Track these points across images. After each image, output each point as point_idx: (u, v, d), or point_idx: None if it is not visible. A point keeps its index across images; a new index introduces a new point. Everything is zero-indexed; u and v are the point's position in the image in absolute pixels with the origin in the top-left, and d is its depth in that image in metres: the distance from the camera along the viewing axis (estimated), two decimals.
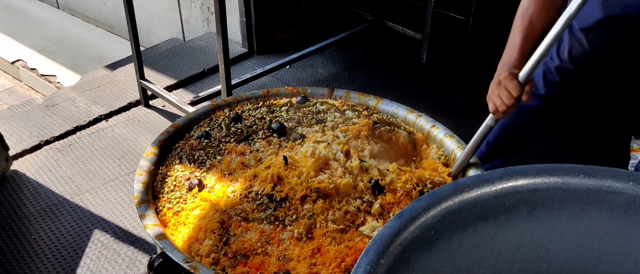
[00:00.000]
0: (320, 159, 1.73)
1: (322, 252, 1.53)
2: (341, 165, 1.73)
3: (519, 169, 1.25)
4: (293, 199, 1.62)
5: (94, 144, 3.28)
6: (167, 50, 4.36)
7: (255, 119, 2.11)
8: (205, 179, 1.80)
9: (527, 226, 1.27)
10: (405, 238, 1.13)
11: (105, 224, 2.69)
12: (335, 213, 1.59)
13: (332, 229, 1.56)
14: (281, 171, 1.69)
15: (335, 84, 3.85)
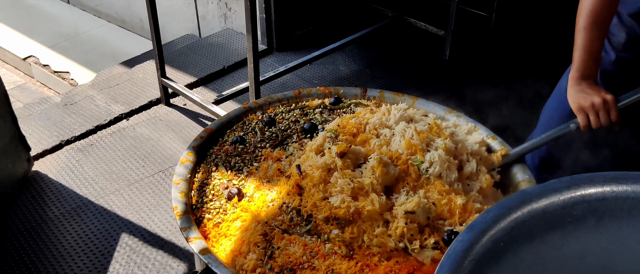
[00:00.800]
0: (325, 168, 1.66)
1: (371, 267, 1.47)
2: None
3: (585, 177, 1.21)
4: (316, 218, 1.56)
5: (115, 144, 3.24)
6: (184, 47, 4.30)
7: (289, 122, 2.05)
8: (244, 188, 1.75)
9: (593, 236, 1.23)
10: (477, 252, 1.11)
11: (132, 227, 2.65)
12: (373, 239, 1.52)
13: (375, 250, 1.50)
14: (300, 181, 1.64)
15: (357, 82, 3.78)
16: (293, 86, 3.80)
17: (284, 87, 3.79)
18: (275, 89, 3.75)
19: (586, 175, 1.22)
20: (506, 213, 1.17)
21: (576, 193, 1.20)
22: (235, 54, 4.11)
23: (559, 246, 1.23)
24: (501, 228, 1.15)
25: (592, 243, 1.24)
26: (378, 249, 1.50)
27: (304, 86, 3.79)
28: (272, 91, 3.68)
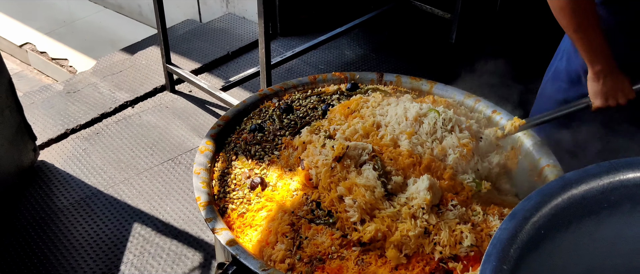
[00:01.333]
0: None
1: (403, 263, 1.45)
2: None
3: (624, 162, 1.21)
4: (339, 215, 1.53)
5: (122, 132, 3.19)
6: (185, 32, 4.24)
7: (307, 109, 2.01)
8: (267, 177, 1.72)
9: (627, 221, 1.22)
10: (521, 239, 1.11)
11: (144, 217, 2.62)
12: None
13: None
14: (309, 176, 1.62)
15: (364, 67, 3.74)
16: (299, 71, 3.76)
17: (290, 73, 3.74)
18: (281, 75, 3.70)
19: (625, 160, 1.21)
20: (547, 200, 1.16)
21: (615, 178, 1.20)
22: (239, 39, 4.05)
23: (593, 232, 1.22)
24: (543, 214, 1.15)
25: (625, 229, 1.23)
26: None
27: (310, 71, 3.75)
28: (278, 77, 3.64)
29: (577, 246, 1.23)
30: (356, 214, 1.48)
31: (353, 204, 1.49)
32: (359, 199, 1.49)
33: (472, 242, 1.46)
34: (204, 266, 2.38)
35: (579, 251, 1.24)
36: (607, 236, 1.24)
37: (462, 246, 1.46)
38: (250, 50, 3.98)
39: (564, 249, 1.21)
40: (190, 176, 2.86)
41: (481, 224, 1.53)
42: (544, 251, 1.16)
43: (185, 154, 3.02)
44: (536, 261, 1.15)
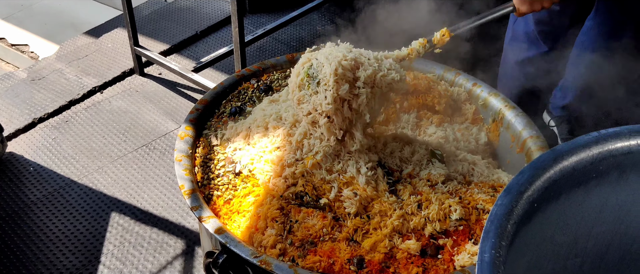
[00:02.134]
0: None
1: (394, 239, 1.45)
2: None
3: (612, 132, 1.23)
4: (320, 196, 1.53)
5: (92, 119, 3.10)
6: (151, 13, 4.11)
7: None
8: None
9: (614, 190, 1.25)
10: (517, 214, 1.12)
11: (122, 206, 2.56)
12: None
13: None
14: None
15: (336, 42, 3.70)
16: (271, 49, 3.70)
17: (262, 51, 3.68)
18: (253, 53, 3.64)
19: (613, 130, 1.23)
20: (540, 173, 1.17)
21: (604, 148, 1.21)
22: (207, 18, 3.96)
23: (581, 202, 1.24)
24: (536, 188, 1.16)
25: (610, 197, 1.25)
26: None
27: (283, 49, 3.69)
28: (249, 56, 3.57)
29: (566, 216, 1.25)
30: (354, 207, 1.47)
31: (353, 197, 1.48)
32: (361, 193, 1.48)
33: (461, 215, 1.47)
34: (187, 252, 2.34)
35: (567, 221, 1.26)
36: (594, 205, 1.26)
37: (451, 220, 1.47)
38: (219, 29, 3.89)
39: (553, 220, 1.22)
40: (166, 162, 2.81)
41: (467, 197, 1.54)
42: (536, 224, 1.17)
43: (160, 139, 2.96)
44: (528, 234, 1.16)
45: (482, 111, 1.94)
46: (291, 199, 1.51)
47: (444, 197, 1.51)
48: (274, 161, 1.58)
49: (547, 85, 2.85)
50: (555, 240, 1.28)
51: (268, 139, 1.65)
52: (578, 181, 1.20)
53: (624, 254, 1.35)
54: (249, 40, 3.32)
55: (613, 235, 1.32)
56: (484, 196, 1.53)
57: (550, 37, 2.66)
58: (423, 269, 1.39)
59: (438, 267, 1.40)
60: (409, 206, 1.50)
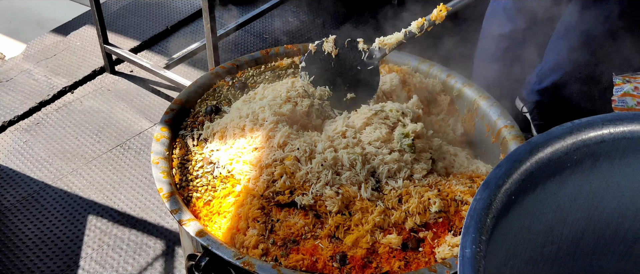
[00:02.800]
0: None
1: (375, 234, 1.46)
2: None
3: (585, 121, 1.25)
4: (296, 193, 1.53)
5: (64, 120, 3.04)
6: (119, 8, 4.05)
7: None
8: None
9: (587, 178, 1.28)
10: (495, 208, 1.14)
11: (98, 208, 2.52)
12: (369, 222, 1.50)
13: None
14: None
15: (309, 34, 3.69)
16: (244, 42, 3.67)
17: (235, 45, 3.65)
18: (226, 47, 3.61)
19: (586, 119, 1.25)
20: (517, 166, 1.19)
21: (578, 138, 1.23)
22: (177, 11, 3.91)
23: (556, 191, 1.27)
24: (513, 180, 1.17)
25: (584, 185, 1.28)
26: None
27: (255, 42, 3.67)
28: (222, 50, 3.54)
29: (542, 206, 1.27)
30: (335, 206, 1.48)
31: (335, 196, 1.49)
32: (343, 192, 1.49)
33: (440, 208, 1.49)
34: (167, 253, 2.33)
35: (543, 210, 1.28)
36: (569, 194, 1.29)
37: (430, 213, 1.49)
38: (191, 23, 3.85)
39: (529, 210, 1.25)
40: (142, 161, 2.78)
41: (446, 189, 1.55)
42: (513, 215, 1.19)
43: (134, 138, 2.92)
44: (506, 225, 1.18)
45: (457, 101, 1.96)
46: (272, 199, 1.51)
47: (423, 191, 1.52)
48: (253, 162, 1.57)
49: (522, 63, 2.90)
50: (532, 229, 1.30)
51: (245, 140, 1.64)
52: (553, 171, 1.23)
53: (598, 239, 1.38)
54: (221, 34, 3.30)
55: (587, 221, 1.35)
56: (462, 187, 1.55)
57: (527, 14, 2.69)
58: (405, 263, 1.41)
59: (419, 260, 1.42)
60: (390, 201, 1.51)
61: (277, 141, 1.59)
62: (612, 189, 1.31)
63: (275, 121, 1.65)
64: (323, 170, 1.52)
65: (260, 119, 1.67)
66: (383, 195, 1.53)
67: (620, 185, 1.30)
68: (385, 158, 1.58)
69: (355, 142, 1.62)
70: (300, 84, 1.84)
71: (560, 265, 1.42)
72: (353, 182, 1.53)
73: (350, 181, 1.53)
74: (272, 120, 1.64)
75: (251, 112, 1.70)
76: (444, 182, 1.59)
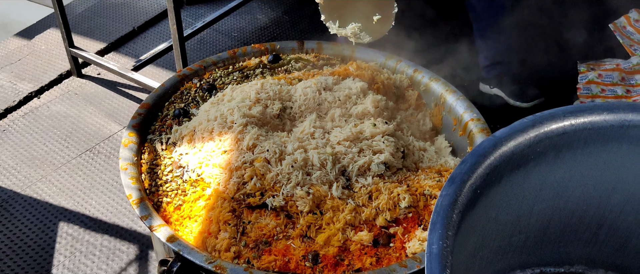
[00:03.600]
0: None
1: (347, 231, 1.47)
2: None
3: (547, 114, 1.27)
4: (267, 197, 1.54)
5: (31, 126, 2.99)
6: (84, 10, 3.98)
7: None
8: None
9: (551, 169, 1.31)
10: (461, 203, 1.15)
11: (69, 215, 2.49)
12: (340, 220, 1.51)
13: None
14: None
15: (278, 31, 3.68)
16: (212, 41, 3.64)
17: (202, 44, 3.62)
18: (194, 47, 3.57)
19: (547, 112, 1.27)
20: (481, 160, 1.20)
21: (540, 131, 1.26)
22: (143, 12, 3.86)
23: (521, 183, 1.29)
24: (478, 175, 1.19)
25: (548, 175, 1.31)
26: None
27: (224, 41, 3.65)
28: (190, 49, 3.51)
29: (508, 197, 1.30)
30: (307, 206, 1.48)
31: (306, 196, 1.49)
32: (314, 191, 1.49)
33: (409, 203, 1.51)
34: (141, 258, 2.31)
35: (509, 201, 1.31)
36: (534, 184, 1.31)
37: (400, 208, 1.50)
38: (157, 23, 3.80)
39: (496, 203, 1.27)
40: (113, 166, 2.74)
41: (415, 185, 1.57)
42: (480, 208, 1.21)
43: (103, 142, 2.89)
44: (473, 218, 1.20)
45: (424, 96, 1.98)
46: (242, 201, 1.51)
47: (392, 187, 1.54)
48: (222, 165, 1.57)
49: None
50: (499, 220, 1.33)
51: (214, 143, 1.64)
52: (517, 164, 1.25)
53: (564, 227, 1.41)
54: (188, 34, 3.27)
55: (553, 210, 1.38)
56: (430, 182, 1.57)
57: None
58: (376, 259, 1.42)
59: (390, 255, 1.43)
60: (360, 198, 1.52)
61: (246, 144, 1.59)
62: (575, 179, 1.34)
63: (244, 123, 1.64)
64: (293, 171, 1.53)
65: (229, 121, 1.66)
66: (353, 193, 1.55)
67: (584, 174, 1.33)
68: (355, 157, 1.59)
69: (325, 142, 1.63)
70: (269, 84, 1.84)
71: (528, 254, 1.45)
72: (323, 182, 1.54)
73: (321, 180, 1.54)
74: (241, 122, 1.64)
75: (219, 114, 1.69)
76: (413, 177, 1.60)
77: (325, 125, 1.71)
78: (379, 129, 1.65)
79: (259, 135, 1.62)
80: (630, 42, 3.18)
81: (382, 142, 1.62)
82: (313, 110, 1.76)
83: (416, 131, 1.87)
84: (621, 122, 1.27)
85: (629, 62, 3.02)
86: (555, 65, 3.09)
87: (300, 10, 3.86)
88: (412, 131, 1.85)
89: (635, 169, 1.32)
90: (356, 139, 1.63)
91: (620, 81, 2.93)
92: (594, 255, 1.45)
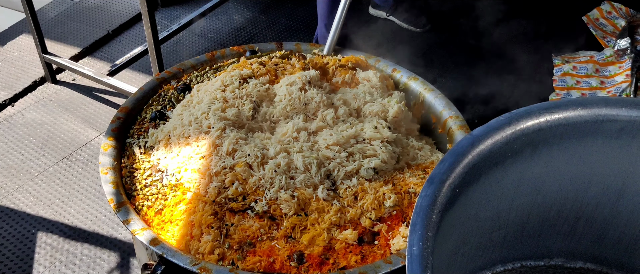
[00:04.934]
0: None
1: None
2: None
3: (523, 111, 1.29)
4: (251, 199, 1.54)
5: (6, 135, 2.94)
6: (58, 14, 3.92)
7: None
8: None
9: (528, 165, 1.32)
10: (440, 203, 1.16)
11: (48, 224, 2.45)
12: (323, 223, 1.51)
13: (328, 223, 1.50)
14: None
15: (254, 31, 3.67)
16: (189, 43, 3.62)
17: (179, 46, 3.60)
18: (170, 49, 3.55)
19: (523, 109, 1.29)
20: (459, 160, 1.21)
21: (516, 128, 1.27)
22: (117, 15, 3.82)
23: (499, 180, 1.31)
24: (457, 174, 1.20)
25: (526, 172, 1.33)
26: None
27: (200, 42, 3.63)
28: (167, 52, 3.49)
29: (487, 194, 1.31)
30: (292, 209, 1.48)
31: (290, 199, 1.49)
32: (299, 195, 1.49)
33: (394, 202, 1.51)
34: (123, 265, 2.29)
35: (488, 198, 1.32)
36: (512, 181, 1.33)
37: (385, 207, 1.51)
38: (133, 26, 3.77)
39: (475, 200, 1.29)
40: (91, 173, 2.71)
41: (400, 183, 1.58)
42: (459, 207, 1.22)
43: (81, 149, 2.85)
44: (453, 217, 1.21)
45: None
46: (224, 205, 1.51)
47: (378, 186, 1.55)
48: (202, 171, 1.56)
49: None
50: (479, 217, 1.34)
51: (191, 148, 1.63)
52: (495, 162, 1.26)
53: (543, 221, 1.43)
54: (164, 36, 3.24)
55: (532, 205, 1.40)
56: (415, 180, 1.58)
57: None
58: (361, 257, 1.43)
59: (375, 253, 1.44)
60: (346, 199, 1.52)
61: (225, 149, 1.58)
62: (553, 174, 1.36)
63: (221, 127, 1.64)
64: (276, 176, 1.52)
65: (206, 126, 1.65)
66: (338, 195, 1.55)
67: (560, 169, 1.35)
68: (343, 162, 1.59)
69: (310, 145, 1.63)
70: (230, 81, 1.83)
71: (509, 248, 1.47)
72: (308, 185, 1.54)
73: (305, 183, 1.53)
74: (218, 126, 1.63)
75: (193, 118, 1.68)
76: (399, 176, 1.61)
77: (309, 126, 1.70)
78: (380, 135, 1.64)
79: (238, 139, 1.61)
80: (603, 34, 3.24)
81: (379, 148, 1.61)
82: (299, 111, 1.75)
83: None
84: (595, 117, 1.29)
85: (603, 54, 3.08)
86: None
87: (277, 10, 3.86)
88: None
89: (610, 162, 1.34)
90: (346, 143, 1.63)
91: (594, 73, 2.98)
92: (573, 248, 1.48)
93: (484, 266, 1.48)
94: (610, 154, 1.33)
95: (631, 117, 1.27)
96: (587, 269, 1.50)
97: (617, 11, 3.31)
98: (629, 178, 1.34)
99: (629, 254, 1.43)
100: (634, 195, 1.35)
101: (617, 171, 1.36)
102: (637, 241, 1.41)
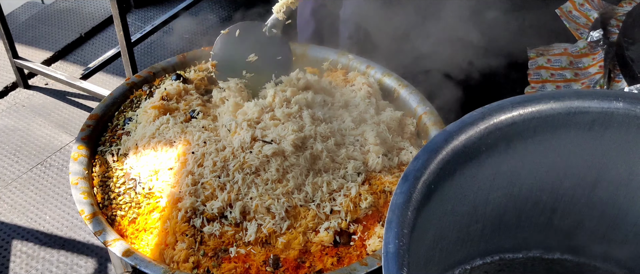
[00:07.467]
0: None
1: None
2: None
3: (496, 105, 1.28)
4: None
5: None
6: (29, 18, 3.85)
7: None
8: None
9: (503, 159, 1.32)
10: (415, 200, 1.15)
11: (23, 232, 2.41)
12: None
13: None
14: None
15: None
16: (163, 44, 3.57)
17: (153, 47, 3.55)
18: (144, 51, 3.50)
19: (496, 104, 1.29)
20: (433, 156, 1.21)
21: (490, 123, 1.27)
22: (90, 18, 3.75)
23: (475, 174, 1.31)
24: (431, 171, 1.19)
25: (501, 165, 1.33)
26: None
27: (176, 43, 3.58)
28: (140, 54, 3.44)
29: (463, 189, 1.31)
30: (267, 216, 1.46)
31: (266, 213, 1.47)
32: (278, 206, 1.47)
33: (370, 203, 1.50)
34: (100, 271, 2.25)
35: (464, 193, 1.32)
36: (487, 175, 1.33)
37: (361, 208, 1.50)
38: (106, 28, 3.71)
39: (450, 195, 1.28)
40: (65, 179, 2.66)
41: (376, 182, 1.57)
42: (435, 202, 1.22)
43: (55, 155, 2.80)
44: (429, 213, 1.20)
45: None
46: (198, 211, 1.48)
47: (355, 187, 1.53)
48: (171, 183, 1.53)
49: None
50: (455, 211, 1.34)
51: (159, 161, 1.60)
52: (470, 156, 1.26)
53: (519, 213, 1.44)
54: (137, 39, 3.20)
55: (508, 198, 1.40)
56: (391, 178, 1.57)
57: None
58: (338, 259, 1.42)
59: (351, 254, 1.43)
60: (322, 204, 1.51)
61: (193, 160, 1.55)
62: (528, 167, 1.36)
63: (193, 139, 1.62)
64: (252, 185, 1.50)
65: (168, 137, 1.64)
66: (314, 199, 1.53)
67: (535, 162, 1.35)
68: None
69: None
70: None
71: (487, 242, 1.47)
72: (283, 193, 1.51)
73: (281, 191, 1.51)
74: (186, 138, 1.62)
75: (155, 129, 1.66)
76: (375, 174, 1.60)
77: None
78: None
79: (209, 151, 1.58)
80: (576, 26, 3.26)
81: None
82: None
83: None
84: (567, 109, 1.29)
85: (576, 46, 3.10)
86: None
87: (251, 9, 3.82)
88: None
89: (583, 154, 1.35)
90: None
91: (568, 65, 3.00)
92: (550, 239, 1.48)
93: (463, 260, 1.48)
94: (583, 145, 1.33)
95: (602, 108, 1.28)
96: (565, 260, 1.51)
97: (590, 3, 3.33)
98: (602, 169, 1.34)
99: (605, 244, 1.44)
100: (608, 185, 1.36)
101: (590, 162, 1.36)
102: (613, 230, 1.41)
